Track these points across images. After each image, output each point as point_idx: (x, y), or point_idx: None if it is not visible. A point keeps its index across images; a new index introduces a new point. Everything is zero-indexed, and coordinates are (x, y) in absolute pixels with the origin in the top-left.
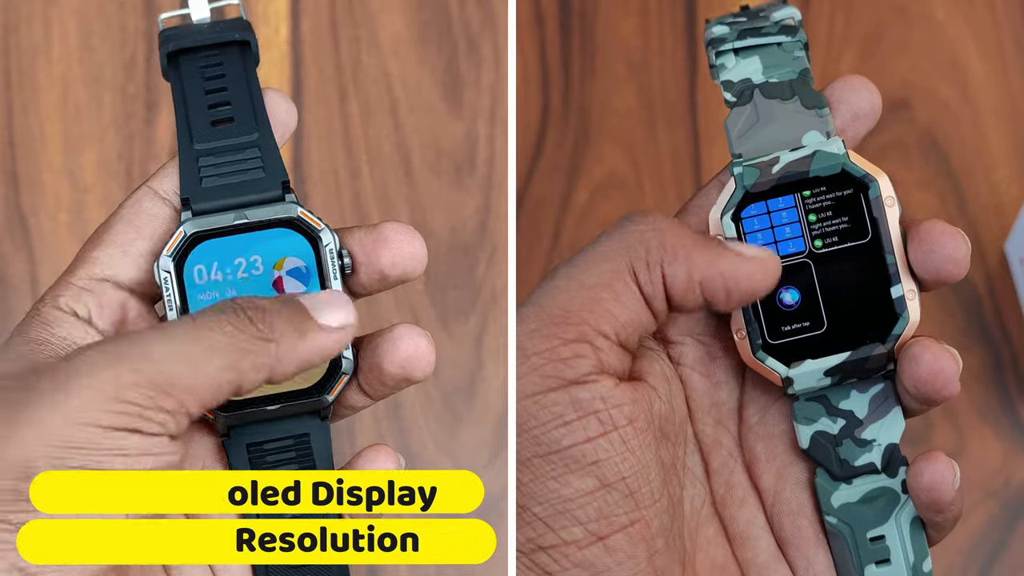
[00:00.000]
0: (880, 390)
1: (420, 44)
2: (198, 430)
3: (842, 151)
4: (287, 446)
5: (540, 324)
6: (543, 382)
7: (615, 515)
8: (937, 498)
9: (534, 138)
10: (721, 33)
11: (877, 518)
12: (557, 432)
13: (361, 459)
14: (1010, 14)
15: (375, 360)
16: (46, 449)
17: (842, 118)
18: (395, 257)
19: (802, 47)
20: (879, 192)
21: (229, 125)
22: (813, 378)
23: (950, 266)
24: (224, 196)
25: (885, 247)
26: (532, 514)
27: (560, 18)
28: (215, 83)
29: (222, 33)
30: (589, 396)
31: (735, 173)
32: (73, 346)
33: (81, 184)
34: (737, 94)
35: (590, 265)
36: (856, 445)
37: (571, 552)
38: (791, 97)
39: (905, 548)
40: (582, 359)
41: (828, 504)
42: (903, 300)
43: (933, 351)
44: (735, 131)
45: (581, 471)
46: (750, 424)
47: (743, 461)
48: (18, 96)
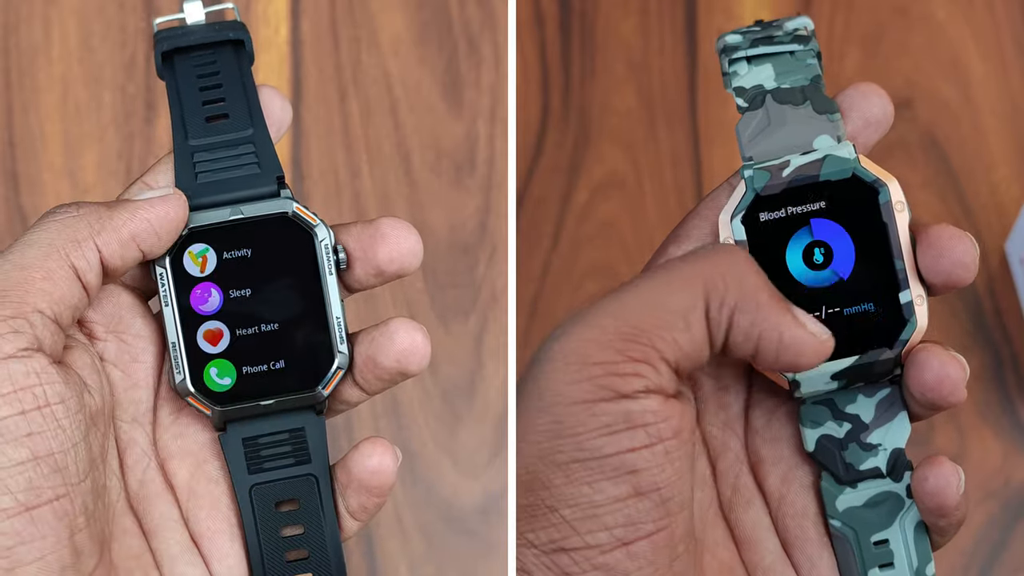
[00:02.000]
0: (887, 395)
1: (420, 44)
2: (193, 424)
3: (853, 155)
4: (282, 440)
5: (609, 337)
6: (596, 392)
7: (643, 523)
8: (941, 503)
9: (534, 138)
10: (734, 42)
11: (881, 522)
12: (602, 440)
13: (358, 452)
14: (1010, 14)
15: (370, 354)
16: None
17: (854, 124)
18: (392, 253)
19: (814, 55)
20: (889, 197)
21: (224, 121)
22: (820, 382)
23: (959, 270)
24: (219, 192)
25: (894, 252)
26: (560, 516)
27: (560, 18)
28: (209, 80)
29: (217, 32)
30: (640, 410)
31: (745, 176)
32: None
33: (81, 184)
34: (749, 100)
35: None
36: (862, 449)
37: (593, 555)
38: (803, 102)
39: (909, 552)
40: (640, 379)
41: (833, 507)
42: (911, 305)
43: (940, 358)
44: (746, 135)
45: (618, 478)
46: (756, 427)
47: (749, 464)
48: (18, 96)
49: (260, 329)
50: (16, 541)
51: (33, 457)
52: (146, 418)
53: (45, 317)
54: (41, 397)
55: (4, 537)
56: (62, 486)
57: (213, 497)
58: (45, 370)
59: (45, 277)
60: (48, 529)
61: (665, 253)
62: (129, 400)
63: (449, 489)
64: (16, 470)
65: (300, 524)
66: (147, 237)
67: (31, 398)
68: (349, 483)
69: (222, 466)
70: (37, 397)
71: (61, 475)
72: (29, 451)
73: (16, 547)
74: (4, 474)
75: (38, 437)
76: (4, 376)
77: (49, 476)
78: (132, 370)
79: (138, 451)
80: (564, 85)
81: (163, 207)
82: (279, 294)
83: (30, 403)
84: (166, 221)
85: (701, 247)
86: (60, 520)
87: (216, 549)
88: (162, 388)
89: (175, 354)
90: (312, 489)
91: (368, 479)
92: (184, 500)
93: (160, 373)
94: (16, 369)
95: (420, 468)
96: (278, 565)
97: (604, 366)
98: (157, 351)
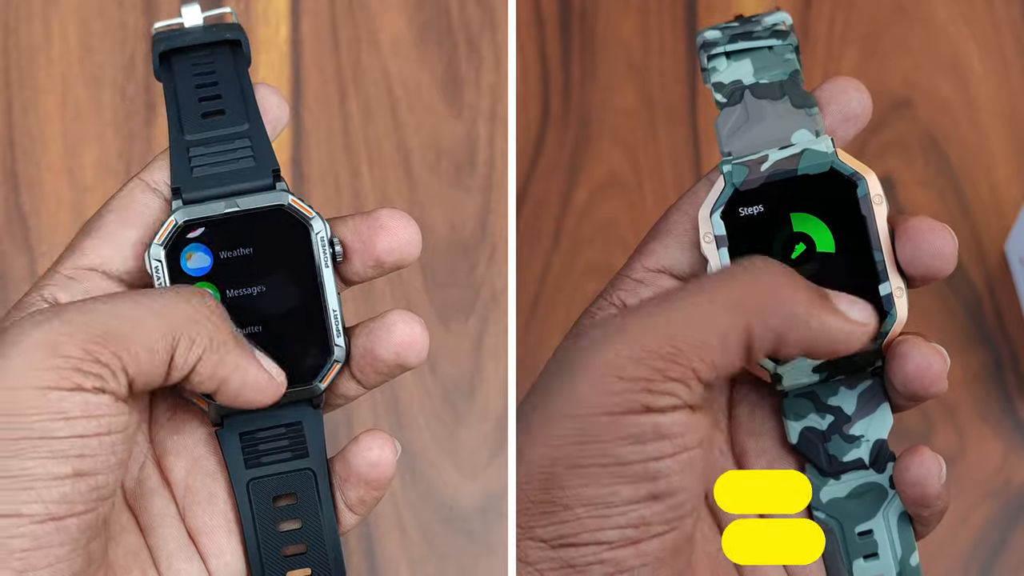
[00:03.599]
0: (868, 386)
1: (420, 44)
2: (190, 420)
3: (831, 149)
4: (280, 435)
5: (646, 354)
6: (626, 405)
7: (655, 524)
8: (923, 492)
9: (534, 138)
10: (713, 37)
11: (865, 513)
12: (627, 448)
13: (357, 444)
14: (1010, 14)
15: (368, 346)
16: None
17: (832, 118)
18: (391, 243)
19: (793, 50)
20: (867, 190)
21: (220, 117)
22: (802, 374)
23: (938, 262)
24: (214, 185)
25: (873, 244)
26: (574, 513)
27: (560, 18)
28: (206, 78)
29: (213, 33)
30: (669, 423)
31: (724, 171)
32: None
33: (81, 184)
34: (727, 95)
35: (712, 305)
36: (844, 441)
37: (600, 551)
38: (781, 97)
39: (893, 542)
40: (673, 397)
41: (816, 499)
42: (891, 298)
43: (921, 349)
44: (725, 130)
45: (637, 483)
46: (740, 420)
47: (734, 457)
48: (18, 96)
49: (256, 322)
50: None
51: (75, 474)
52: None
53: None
54: (680, 446)
55: (23, 540)
56: (95, 502)
57: (210, 493)
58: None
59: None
60: (68, 539)
61: (647, 249)
62: None
63: (449, 489)
64: (54, 484)
65: (298, 518)
66: (230, 389)
67: (668, 446)
68: (348, 476)
69: (219, 462)
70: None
71: (97, 493)
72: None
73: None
74: (40, 485)
75: (89, 459)
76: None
77: (85, 493)
78: None
79: (135, 448)
80: (564, 85)
81: (264, 381)
82: (275, 287)
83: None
84: (253, 392)
85: (738, 263)
86: (83, 532)
87: (213, 544)
88: None
89: None
90: (310, 483)
91: (368, 472)
92: (181, 496)
93: None
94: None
95: (420, 468)
96: (276, 560)
97: (640, 382)
98: None
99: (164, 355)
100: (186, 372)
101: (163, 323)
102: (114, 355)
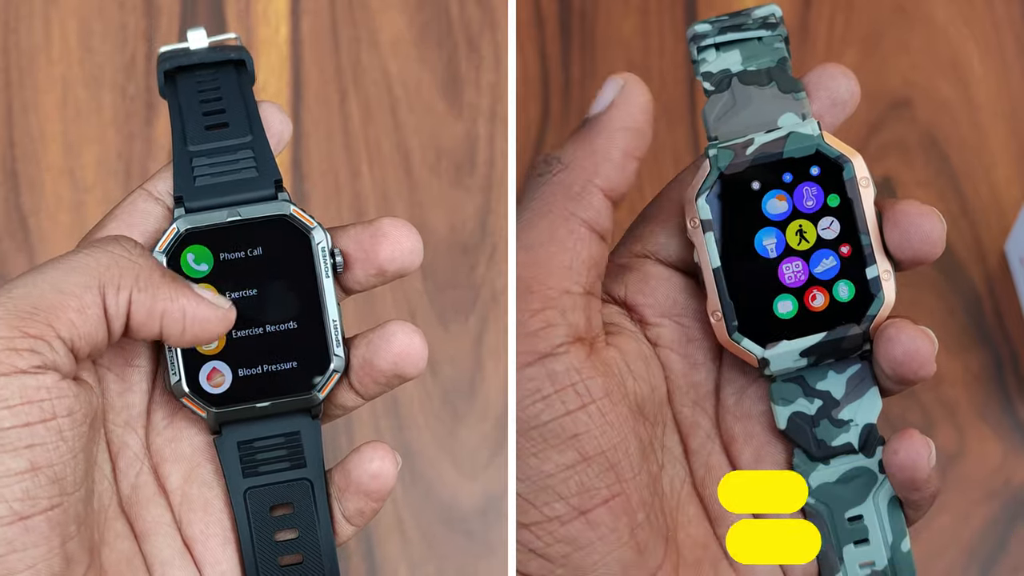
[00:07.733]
0: (857, 370)
1: (420, 44)
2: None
3: (816, 132)
4: (278, 444)
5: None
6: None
7: (596, 488)
8: (912, 476)
9: (534, 138)
10: (703, 30)
11: (855, 498)
12: (535, 407)
13: (358, 455)
14: (1010, 14)
15: (367, 356)
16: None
17: (820, 104)
18: (393, 252)
19: (782, 40)
20: (854, 173)
21: (223, 129)
22: (789, 359)
23: (926, 246)
24: (217, 194)
25: (860, 228)
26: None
27: (560, 18)
28: (210, 94)
29: (219, 53)
30: (564, 368)
31: (710, 155)
32: None
33: (81, 184)
34: (716, 83)
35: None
36: (833, 425)
37: (554, 528)
38: (768, 83)
39: (883, 527)
40: (553, 328)
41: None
42: (878, 280)
43: (909, 332)
44: (712, 116)
45: (561, 445)
46: (728, 405)
47: (721, 442)
48: (18, 96)
49: (256, 331)
50: (8, 550)
51: (32, 468)
52: (139, 422)
53: (65, 346)
54: (48, 410)
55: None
56: (58, 496)
57: (206, 501)
58: (56, 385)
59: (79, 309)
60: (41, 538)
61: (632, 234)
62: (122, 404)
63: (449, 489)
64: (13, 480)
65: (294, 528)
66: (173, 324)
67: (38, 411)
68: (348, 487)
69: (216, 470)
70: (44, 410)
71: (58, 485)
72: (28, 462)
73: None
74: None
75: (39, 449)
76: (15, 388)
77: (46, 487)
78: (126, 374)
79: (130, 455)
80: (564, 85)
81: (208, 311)
82: (275, 296)
83: (36, 416)
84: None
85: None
86: (53, 529)
87: (209, 553)
88: (156, 392)
89: (171, 356)
90: (307, 493)
91: (368, 483)
92: (177, 504)
93: (155, 378)
94: (28, 383)
95: (420, 468)
96: (272, 569)
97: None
98: (152, 355)
99: (96, 308)
100: (124, 319)
101: (84, 277)
102: (45, 324)
